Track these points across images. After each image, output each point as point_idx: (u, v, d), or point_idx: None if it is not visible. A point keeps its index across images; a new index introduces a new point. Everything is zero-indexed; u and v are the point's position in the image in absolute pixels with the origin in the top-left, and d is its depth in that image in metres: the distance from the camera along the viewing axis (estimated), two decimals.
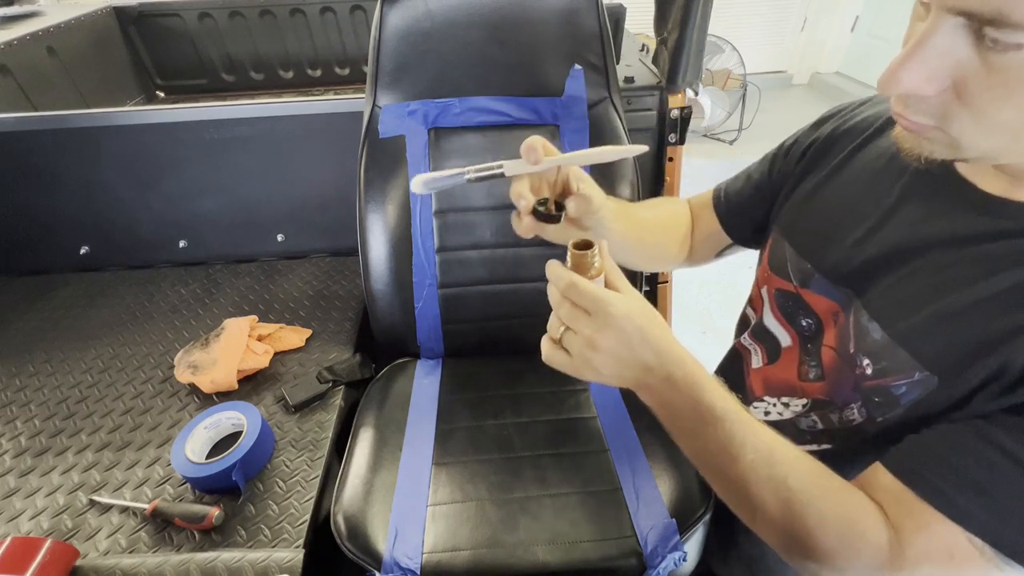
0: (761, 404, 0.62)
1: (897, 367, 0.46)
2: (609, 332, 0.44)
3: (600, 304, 0.44)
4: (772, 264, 0.62)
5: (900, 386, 0.46)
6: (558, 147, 0.93)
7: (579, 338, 0.45)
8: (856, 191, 0.54)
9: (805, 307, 0.57)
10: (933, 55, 0.34)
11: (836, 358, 0.53)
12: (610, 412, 0.85)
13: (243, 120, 1.08)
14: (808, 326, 0.56)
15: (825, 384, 0.54)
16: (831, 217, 0.55)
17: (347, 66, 1.85)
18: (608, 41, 0.92)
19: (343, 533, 0.68)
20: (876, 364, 0.48)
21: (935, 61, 0.34)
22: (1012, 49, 0.31)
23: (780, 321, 0.60)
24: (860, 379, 0.50)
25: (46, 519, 0.70)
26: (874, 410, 0.49)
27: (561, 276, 0.46)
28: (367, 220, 0.92)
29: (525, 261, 0.95)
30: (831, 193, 0.57)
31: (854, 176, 0.55)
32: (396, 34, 0.90)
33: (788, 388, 0.58)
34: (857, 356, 0.50)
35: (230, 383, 0.87)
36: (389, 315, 0.96)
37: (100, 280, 1.16)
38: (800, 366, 0.57)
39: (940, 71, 0.34)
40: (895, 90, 0.36)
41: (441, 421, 0.85)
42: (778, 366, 0.60)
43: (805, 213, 0.59)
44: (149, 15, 1.73)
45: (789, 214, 0.61)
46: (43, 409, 0.86)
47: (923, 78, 0.35)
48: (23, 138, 1.07)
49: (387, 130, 0.92)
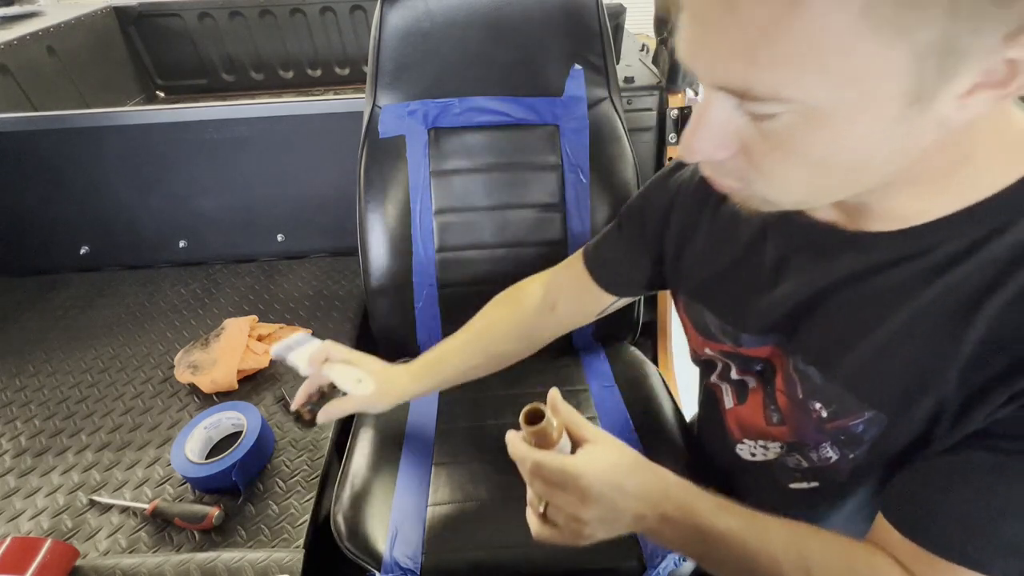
0: (744, 446, 0.60)
1: (847, 408, 0.46)
2: (590, 503, 0.44)
3: (571, 478, 0.44)
4: (699, 329, 0.61)
5: (858, 425, 0.46)
6: (558, 147, 0.94)
7: (562, 513, 0.46)
8: (738, 245, 0.53)
9: (752, 359, 0.56)
10: (715, 125, 0.35)
11: (788, 402, 0.52)
12: (610, 412, 0.85)
13: (243, 120, 1.08)
14: (763, 370, 0.55)
15: (787, 428, 0.53)
16: (728, 275, 0.55)
17: (347, 66, 1.85)
18: (608, 41, 0.92)
19: (343, 533, 0.68)
20: (828, 407, 0.47)
21: (718, 130, 0.35)
22: (769, 118, 0.33)
23: (739, 372, 0.59)
24: (819, 422, 0.49)
25: (46, 519, 0.70)
26: (844, 448, 0.49)
27: (524, 457, 0.47)
28: (367, 220, 0.92)
29: (525, 261, 0.95)
30: (717, 250, 0.56)
31: (730, 230, 0.55)
32: (396, 34, 0.90)
33: (760, 432, 0.57)
34: (808, 401, 0.49)
35: (230, 383, 0.87)
36: (389, 315, 0.96)
37: (100, 280, 1.16)
38: (764, 410, 0.56)
39: (725, 139, 0.36)
40: (691, 159, 0.38)
41: (441, 421, 0.85)
42: (747, 407, 0.59)
43: (705, 275, 0.58)
44: (149, 15, 1.73)
45: (690, 279, 0.60)
46: (43, 409, 0.86)
47: (712, 146, 0.36)
48: (23, 138, 1.07)
49: (387, 130, 0.92)
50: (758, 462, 0.58)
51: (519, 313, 0.75)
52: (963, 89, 0.30)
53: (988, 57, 0.29)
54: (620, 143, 0.94)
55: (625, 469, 0.47)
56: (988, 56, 0.28)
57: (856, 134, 0.32)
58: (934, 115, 0.31)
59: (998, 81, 0.30)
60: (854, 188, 0.38)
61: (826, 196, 0.40)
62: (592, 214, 0.94)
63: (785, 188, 0.38)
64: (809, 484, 0.53)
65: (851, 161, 0.34)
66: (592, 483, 0.44)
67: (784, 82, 0.30)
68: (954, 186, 0.38)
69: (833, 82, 0.30)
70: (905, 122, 0.31)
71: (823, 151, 0.34)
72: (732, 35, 0.30)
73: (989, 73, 0.29)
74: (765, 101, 0.32)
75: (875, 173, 0.36)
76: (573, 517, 0.46)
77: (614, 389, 0.89)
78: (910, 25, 0.27)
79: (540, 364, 0.85)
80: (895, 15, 0.27)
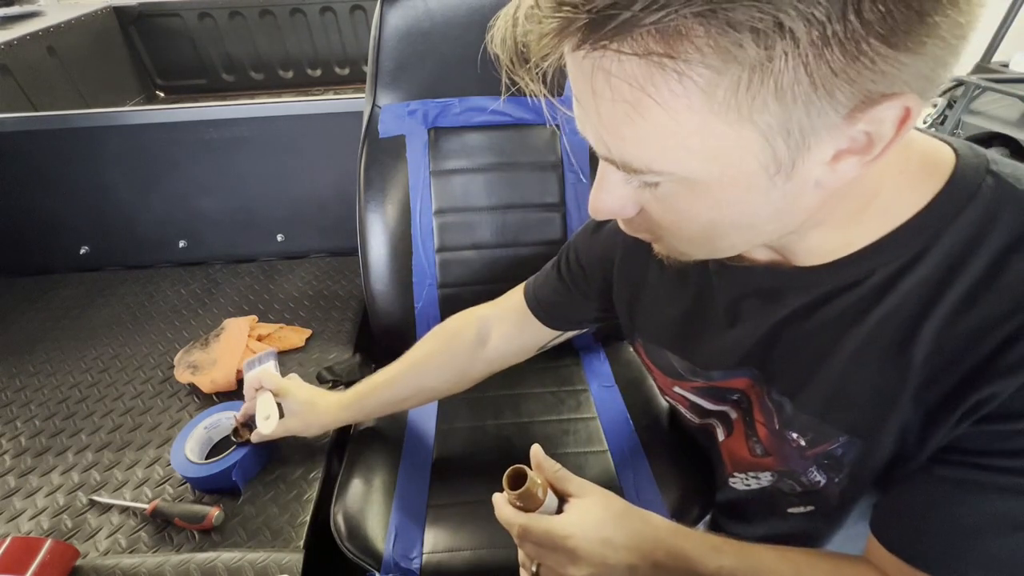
0: (736, 479, 0.60)
1: (823, 435, 0.46)
2: (580, 563, 0.45)
3: (559, 540, 0.45)
4: (666, 372, 0.60)
5: (837, 449, 0.46)
6: (558, 147, 0.93)
7: (554, 573, 0.47)
8: (688, 295, 0.54)
9: (726, 389, 0.55)
10: (614, 187, 0.37)
11: (768, 433, 0.52)
12: (610, 412, 0.85)
13: (243, 120, 1.08)
14: (740, 399, 0.55)
15: (773, 459, 0.53)
16: (685, 321, 0.55)
17: (347, 66, 1.85)
18: None
19: (343, 533, 0.68)
20: (805, 436, 0.48)
21: (618, 191, 0.37)
22: (654, 185, 0.35)
23: (717, 404, 0.58)
24: (800, 449, 0.49)
25: (46, 519, 0.70)
26: (828, 472, 0.49)
27: (510, 522, 0.48)
28: (367, 220, 0.92)
29: (525, 261, 0.94)
30: (669, 301, 0.56)
31: (678, 280, 0.55)
32: (396, 34, 0.90)
33: (748, 464, 0.57)
34: (784, 431, 0.49)
35: (230, 383, 0.87)
36: (389, 315, 0.96)
37: (100, 280, 1.16)
38: (747, 441, 0.56)
39: (625, 199, 0.38)
40: (600, 217, 0.40)
41: (441, 421, 0.85)
42: (734, 439, 0.58)
43: (661, 323, 0.58)
44: (149, 15, 1.73)
45: (646, 329, 0.60)
46: (43, 409, 0.86)
47: (616, 206, 0.38)
48: (23, 138, 1.07)
49: (387, 130, 0.92)
50: (753, 491, 0.58)
51: (452, 348, 0.73)
52: (826, 157, 0.31)
53: (837, 132, 0.30)
54: None
55: (612, 522, 0.46)
56: (837, 131, 0.30)
57: (733, 200, 0.34)
58: (804, 180, 0.33)
59: (861, 148, 0.31)
60: (754, 241, 0.40)
61: (732, 249, 0.41)
62: None
63: (690, 243, 0.40)
64: (806, 508, 0.54)
65: (737, 222, 0.36)
66: (580, 543, 0.45)
67: (653, 158, 0.32)
68: (867, 220, 0.39)
69: (697, 158, 0.32)
70: (775, 188, 0.33)
71: (709, 214, 0.36)
72: (603, 117, 0.32)
73: (852, 141, 0.31)
74: (643, 172, 0.34)
75: (766, 230, 0.38)
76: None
77: (614, 389, 0.89)
78: (748, 110, 0.29)
79: (540, 364, 0.85)
80: (733, 102, 0.28)
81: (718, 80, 0.27)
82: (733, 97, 0.28)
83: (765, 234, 0.39)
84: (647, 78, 0.28)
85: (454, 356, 0.73)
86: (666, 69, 0.28)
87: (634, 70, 0.28)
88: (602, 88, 0.30)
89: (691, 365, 0.56)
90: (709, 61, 0.27)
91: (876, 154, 0.31)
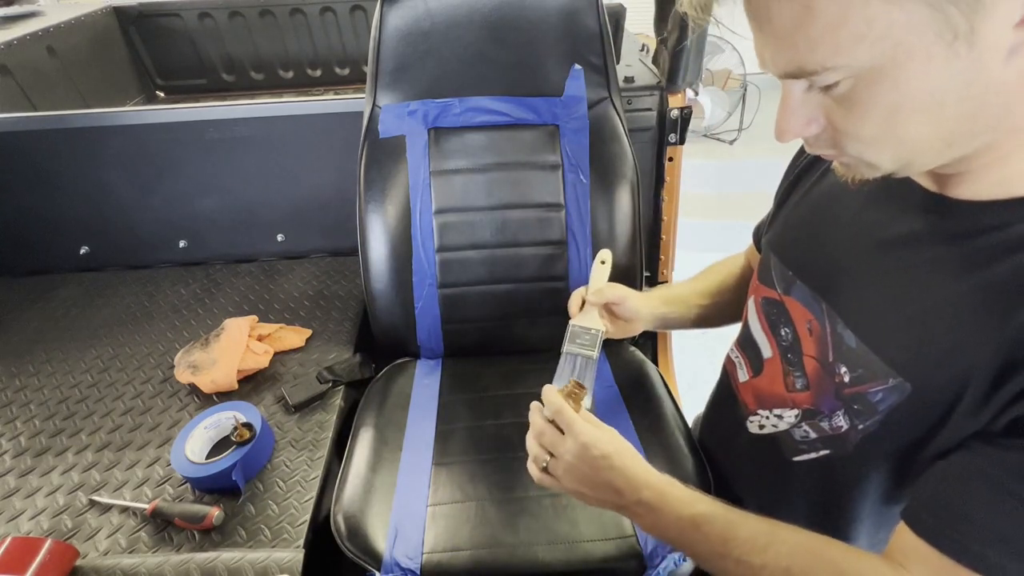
0: (756, 418, 0.63)
1: (872, 374, 0.47)
2: (590, 468, 0.52)
3: (576, 432, 0.53)
4: (761, 275, 0.64)
5: (876, 393, 0.47)
6: (558, 147, 0.93)
7: (560, 463, 0.54)
8: (829, 201, 0.56)
9: (786, 316, 0.59)
10: (797, 106, 0.40)
11: (818, 367, 0.54)
12: (610, 412, 0.85)
13: (243, 120, 1.08)
14: (787, 335, 0.58)
15: (811, 394, 0.56)
16: (808, 226, 0.58)
17: (347, 66, 1.85)
18: (608, 41, 0.92)
19: (343, 533, 0.68)
20: (853, 372, 0.49)
21: (801, 110, 0.40)
22: (833, 86, 0.37)
23: (764, 330, 0.62)
24: (840, 387, 0.51)
25: (46, 519, 0.70)
26: (855, 417, 0.50)
27: (552, 402, 0.56)
28: (367, 220, 0.92)
29: (525, 261, 0.95)
30: (810, 204, 0.60)
31: (828, 187, 0.57)
32: (396, 34, 0.90)
33: (779, 400, 0.60)
34: (836, 364, 0.51)
35: (230, 383, 0.87)
36: (389, 315, 0.96)
37: (100, 280, 1.16)
38: (786, 377, 0.59)
39: (810, 115, 0.40)
40: (786, 139, 0.42)
41: (441, 421, 0.85)
42: (764, 378, 0.62)
43: (788, 225, 0.62)
44: (149, 15, 1.73)
45: (776, 227, 0.64)
46: (43, 409, 0.86)
47: (801, 124, 0.41)
48: (23, 138, 1.07)
49: (387, 130, 0.92)
50: (766, 435, 0.61)
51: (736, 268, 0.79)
52: (1015, 18, 0.31)
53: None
54: (620, 143, 0.94)
55: (618, 449, 0.53)
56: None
57: (912, 78, 0.35)
58: (991, 47, 0.32)
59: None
60: (943, 137, 0.38)
61: (918, 150, 0.40)
62: (592, 214, 0.94)
63: (875, 144, 0.40)
64: (818, 454, 0.55)
65: (921, 104, 0.36)
66: (588, 442, 0.52)
67: (826, 56, 0.35)
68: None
69: (866, 44, 0.34)
70: (957, 59, 0.33)
71: (889, 99, 0.36)
72: (776, 33, 0.36)
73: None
74: (819, 74, 0.36)
75: (956, 116, 0.36)
76: (568, 468, 0.53)
77: (614, 389, 0.89)
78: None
79: (540, 364, 0.85)
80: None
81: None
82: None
83: (955, 126, 0.37)
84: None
85: (736, 287, 0.77)
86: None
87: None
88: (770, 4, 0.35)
89: (785, 269, 0.59)
90: None
91: None
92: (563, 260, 0.95)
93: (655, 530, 0.53)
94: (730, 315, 0.78)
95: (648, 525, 0.53)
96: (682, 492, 0.52)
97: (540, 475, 0.56)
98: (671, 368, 1.36)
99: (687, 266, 0.86)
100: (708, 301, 0.77)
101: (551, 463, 0.55)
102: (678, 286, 0.79)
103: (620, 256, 0.95)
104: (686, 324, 0.79)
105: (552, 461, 0.55)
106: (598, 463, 0.52)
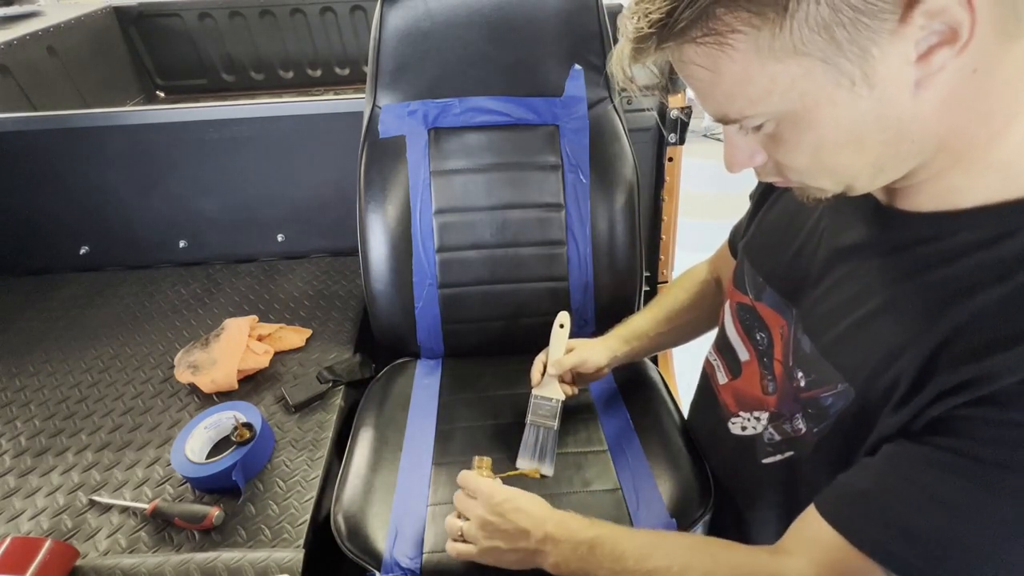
0: (738, 419, 0.64)
1: (823, 379, 0.49)
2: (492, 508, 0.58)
3: (485, 494, 0.59)
4: (735, 280, 0.66)
5: (827, 397, 0.48)
6: (558, 147, 0.94)
7: (471, 524, 0.59)
8: (797, 206, 0.58)
9: (760, 321, 0.60)
10: (738, 142, 0.43)
11: (782, 371, 0.56)
12: (610, 412, 0.85)
13: (243, 120, 1.08)
14: (762, 340, 0.60)
15: (776, 397, 0.57)
16: (777, 232, 0.60)
17: (347, 66, 1.85)
18: (608, 41, 0.92)
19: (343, 533, 0.68)
20: (808, 376, 0.51)
21: (743, 145, 0.43)
22: (761, 126, 0.40)
23: (740, 335, 0.64)
24: (797, 391, 0.52)
25: (46, 519, 0.70)
26: (810, 421, 0.51)
27: (475, 485, 0.61)
28: (367, 220, 0.92)
29: (525, 261, 0.95)
30: (779, 210, 0.62)
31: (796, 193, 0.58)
32: (396, 34, 0.90)
33: (756, 402, 0.61)
34: (794, 369, 0.53)
35: (230, 383, 0.87)
36: (389, 315, 0.96)
37: (100, 280, 1.16)
38: (761, 380, 0.60)
39: (751, 149, 0.43)
40: (735, 170, 0.45)
41: (441, 421, 0.85)
42: (743, 380, 0.64)
43: (761, 230, 0.64)
44: (149, 15, 1.73)
45: (751, 232, 0.66)
46: (43, 409, 0.86)
47: (745, 157, 0.44)
48: (23, 138, 1.07)
49: (387, 130, 0.92)
50: (746, 436, 0.63)
51: (702, 293, 0.80)
52: (909, 57, 0.33)
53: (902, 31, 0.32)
54: (620, 143, 0.94)
55: (521, 494, 0.59)
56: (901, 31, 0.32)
57: (825, 119, 0.37)
58: (894, 83, 0.34)
59: (946, 38, 0.32)
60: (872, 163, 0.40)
61: (851, 176, 0.42)
62: (592, 214, 0.94)
63: (810, 173, 0.43)
64: (783, 455, 0.57)
65: (842, 139, 0.38)
66: (491, 496, 0.59)
67: (743, 107, 0.39)
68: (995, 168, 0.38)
69: (775, 96, 0.37)
70: (861, 100, 0.36)
71: (811, 137, 0.39)
72: (699, 90, 0.41)
73: (931, 33, 0.32)
74: (743, 120, 0.40)
75: (878, 144, 0.38)
76: (480, 523, 0.58)
77: (614, 389, 0.89)
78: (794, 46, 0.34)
79: None
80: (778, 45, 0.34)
81: (757, 36, 0.34)
82: (776, 42, 0.34)
83: (881, 150, 0.39)
84: (706, 55, 0.36)
85: (701, 300, 0.79)
86: (713, 45, 0.35)
87: (693, 53, 0.37)
88: (685, 70, 0.40)
89: (756, 275, 0.61)
90: (741, 27, 0.34)
91: (966, 38, 0.32)
92: (563, 260, 0.95)
93: (563, 565, 0.55)
94: (691, 333, 0.82)
95: (556, 562, 0.55)
96: (579, 521, 0.56)
97: (453, 545, 0.61)
98: (671, 368, 1.36)
99: (687, 266, 0.86)
100: (665, 328, 0.79)
101: (465, 527, 0.60)
102: (635, 319, 0.81)
103: (620, 256, 0.95)
104: (653, 352, 0.84)
105: (466, 525, 0.60)
106: (503, 507, 0.58)
